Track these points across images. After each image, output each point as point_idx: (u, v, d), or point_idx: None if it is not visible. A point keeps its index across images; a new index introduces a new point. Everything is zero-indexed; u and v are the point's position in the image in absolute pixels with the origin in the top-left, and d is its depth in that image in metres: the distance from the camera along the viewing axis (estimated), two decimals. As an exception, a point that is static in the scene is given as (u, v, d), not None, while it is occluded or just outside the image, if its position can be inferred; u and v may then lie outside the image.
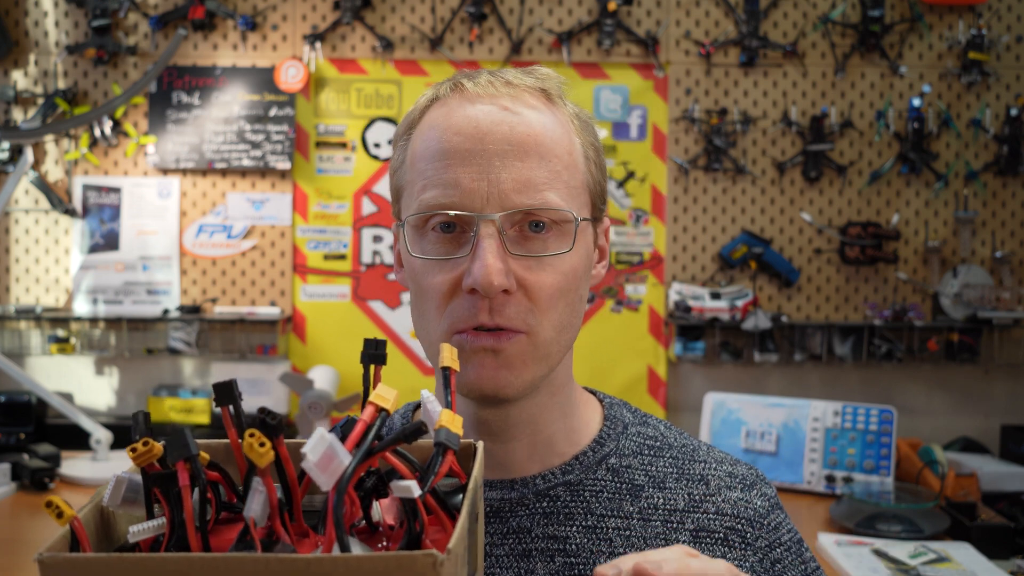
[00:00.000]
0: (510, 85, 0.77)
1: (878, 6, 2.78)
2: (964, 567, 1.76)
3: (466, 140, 0.74)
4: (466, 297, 0.73)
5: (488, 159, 0.73)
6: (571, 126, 0.79)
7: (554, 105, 0.78)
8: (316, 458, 0.44)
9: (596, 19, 2.82)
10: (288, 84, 2.81)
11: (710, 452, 0.87)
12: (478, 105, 0.75)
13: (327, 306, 2.88)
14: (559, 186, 0.74)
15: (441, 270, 0.74)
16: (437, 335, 0.76)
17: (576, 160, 0.78)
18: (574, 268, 0.76)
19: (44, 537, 1.94)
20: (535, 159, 0.74)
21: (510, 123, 0.74)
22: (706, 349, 2.80)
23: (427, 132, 0.77)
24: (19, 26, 2.85)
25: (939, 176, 2.85)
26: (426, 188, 0.75)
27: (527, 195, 0.73)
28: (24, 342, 2.82)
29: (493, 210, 0.72)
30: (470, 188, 0.72)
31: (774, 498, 0.85)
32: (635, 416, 0.88)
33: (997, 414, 2.87)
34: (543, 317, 0.74)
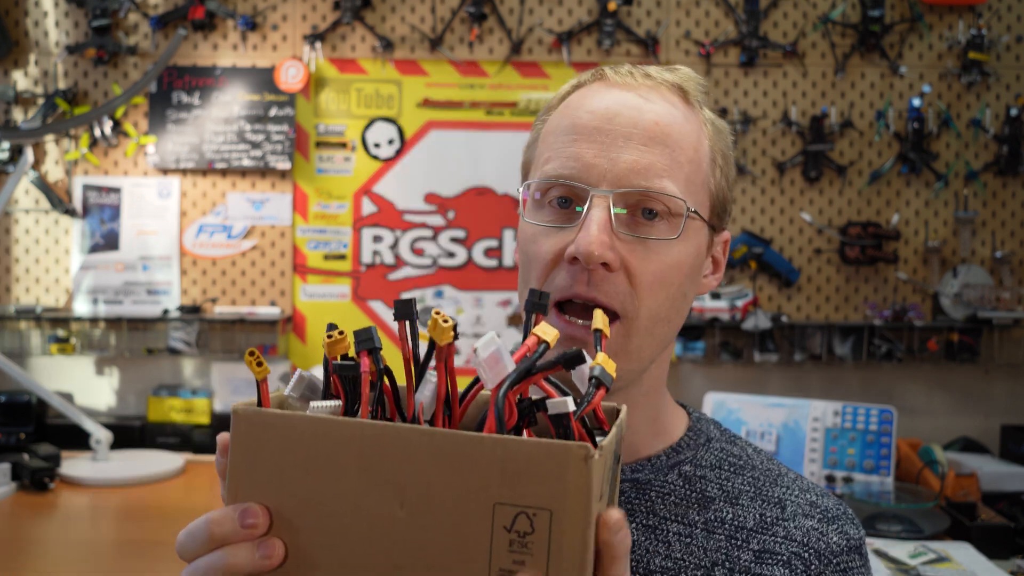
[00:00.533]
0: (649, 77, 0.78)
1: (878, 6, 2.78)
2: (964, 567, 1.76)
3: (595, 119, 0.75)
4: (567, 267, 0.74)
5: (613, 139, 0.74)
6: (703, 128, 0.79)
7: (689, 105, 0.79)
8: (485, 355, 0.48)
9: (596, 19, 2.82)
10: (288, 84, 2.81)
11: (797, 481, 0.84)
12: (615, 91, 0.77)
13: (327, 306, 2.88)
14: (678, 177, 0.75)
15: (549, 237, 0.75)
16: None
17: (701, 158, 0.78)
18: (679, 261, 0.75)
19: (44, 537, 1.94)
20: (659, 147, 0.74)
21: (641, 109, 0.75)
22: (706, 349, 2.80)
23: (563, 112, 0.79)
24: (19, 26, 2.85)
25: (939, 176, 2.85)
26: (550, 160, 0.77)
27: (644, 178, 0.73)
28: (24, 342, 2.82)
29: (608, 186, 0.73)
30: (590, 163, 0.74)
31: (856, 540, 0.81)
32: (723, 434, 0.87)
33: (997, 414, 2.87)
34: (641, 303, 0.74)
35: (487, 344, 0.48)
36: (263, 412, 0.52)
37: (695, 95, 0.80)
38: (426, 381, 0.52)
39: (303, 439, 0.51)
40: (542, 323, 0.55)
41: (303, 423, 0.51)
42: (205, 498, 2.27)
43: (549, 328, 0.54)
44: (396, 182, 2.88)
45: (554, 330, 0.54)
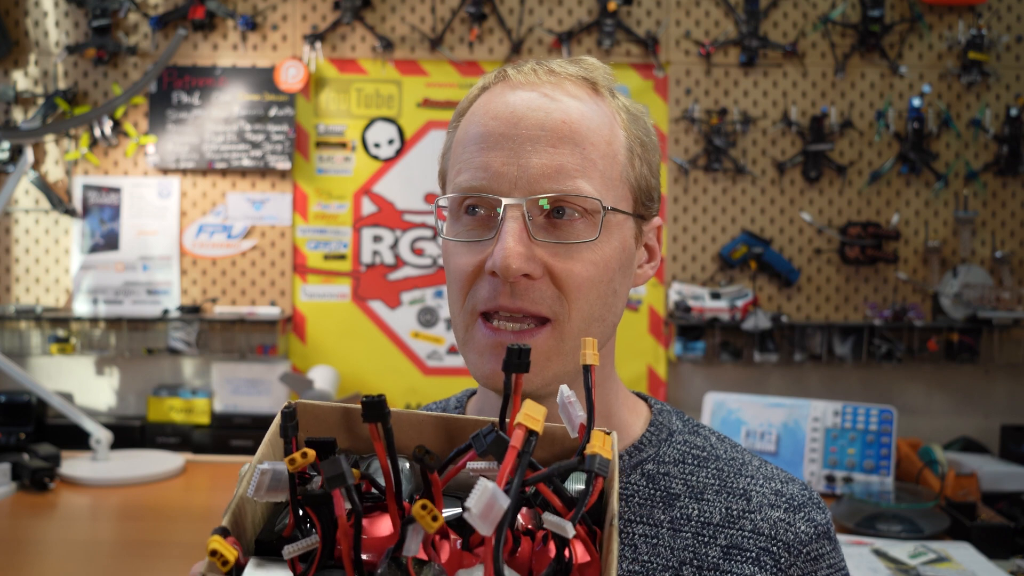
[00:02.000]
0: (552, 73, 0.76)
1: (878, 6, 2.78)
2: (964, 567, 1.76)
3: (501, 125, 0.74)
4: (489, 279, 0.73)
5: (520, 144, 0.73)
6: (616, 118, 0.77)
7: (599, 96, 0.77)
8: (479, 511, 0.45)
9: (596, 19, 2.82)
10: (288, 84, 2.81)
11: (761, 468, 0.83)
12: (519, 92, 0.75)
13: (327, 306, 2.88)
14: (592, 175, 0.73)
15: (468, 252, 0.74)
16: (462, 317, 0.76)
17: (616, 151, 0.76)
18: (606, 260, 0.74)
19: (44, 537, 1.94)
20: (568, 146, 0.73)
21: (547, 109, 0.74)
22: (706, 349, 2.80)
23: (470, 119, 0.78)
24: (19, 26, 2.85)
25: (939, 176, 2.85)
26: (460, 172, 0.75)
27: (556, 181, 0.72)
28: (24, 342, 2.82)
29: (520, 194, 0.72)
30: (499, 171, 0.72)
31: (824, 526, 0.80)
32: (686, 425, 0.86)
33: (997, 414, 2.87)
34: (571, 306, 0.73)
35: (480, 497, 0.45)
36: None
37: (604, 84, 0.78)
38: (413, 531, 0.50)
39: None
40: (526, 405, 0.52)
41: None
42: (205, 498, 2.27)
43: (534, 408, 0.51)
44: (396, 182, 2.88)
45: (541, 408, 0.52)
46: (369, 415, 0.52)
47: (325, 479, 0.49)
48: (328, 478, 0.49)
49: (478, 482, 0.46)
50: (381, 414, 0.52)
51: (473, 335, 0.75)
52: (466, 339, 0.76)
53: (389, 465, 0.52)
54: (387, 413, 0.52)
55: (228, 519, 0.53)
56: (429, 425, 0.60)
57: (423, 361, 2.89)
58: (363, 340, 2.87)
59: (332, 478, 0.49)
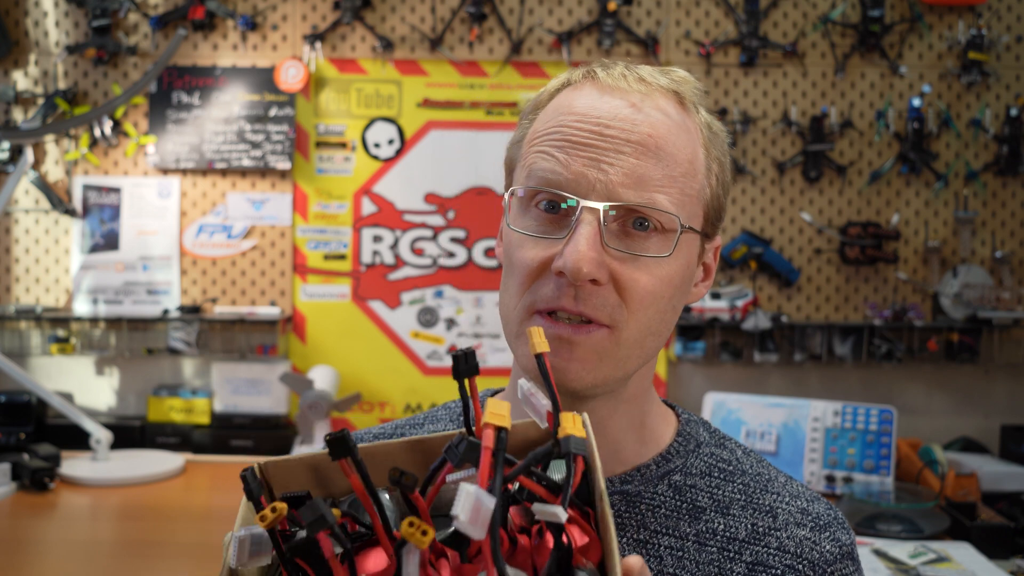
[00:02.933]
0: (643, 82, 0.75)
1: (878, 6, 2.78)
2: (964, 567, 1.76)
3: (587, 125, 0.73)
4: (553, 279, 0.71)
5: (604, 149, 0.72)
6: (699, 135, 0.76)
7: (685, 111, 0.76)
8: (467, 516, 0.45)
9: (596, 19, 2.82)
10: (288, 84, 2.81)
11: (787, 485, 0.82)
12: (606, 97, 0.74)
13: (327, 306, 2.88)
14: (672, 190, 0.72)
15: (535, 246, 0.73)
16: (518, 311, 0.74)
17: (696, 169, 0.75)
18: (671, 276, 0.73)
19: (44, 537, 1.94)
20: (652, 159, 0.72)
21: (634, 120, 0.72)
22: (706, 349, 2.80)
23: (551, 113, 0.76)
24: (19, 26, 2.85)
25: (939, 176, 2.85)
26: (539, 164, 0.74)
27: (636, 192, 0.71)
28: (24, 342, 2.82)
29: (599, 199, 0.71)
30: (580, 172, 0.71)
31: (848, 546, 0.80)
32: (713, 436, 0.85)
33: (997, 414, 2.87)
34: (631, 317, 0.72)
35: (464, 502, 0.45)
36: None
37: (691, 99, 0.77)
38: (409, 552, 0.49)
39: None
40: (489, 404, 0.51)
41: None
42: (205, 498, 2.27)
43: (498, 405, 0.51)
44: (396, 182, 2.88)
45: (505, 404, 0.51)
46: (336, 452, 0.51)
47: (307, 525, 0.49)
48: (309, 523, 0.48)
49: (459, 488, 0.46)
50: (347, 448, 0.51)
51: (528, 327, 0.72)
52: (520, 332, 0.75)
53: (369, 496, 0.52)
54: (353, 447, 0.51)
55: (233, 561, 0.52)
56: (400, 451, 0.60)
57: (423, 361, 2.89)
58: (363, 340, 2.87)
59: (313, 522, 0.48)
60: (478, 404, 0.55)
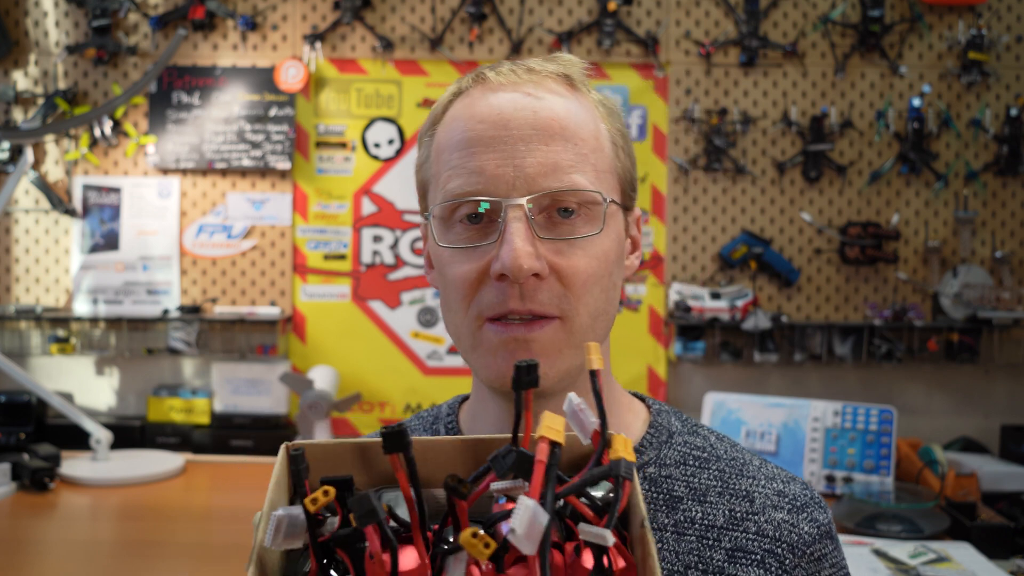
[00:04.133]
0: (532, 72, 0.76)
1: (878, 6, 2.78)
2: (964, 567, 1.76)
3: (490, 127, 0.73)
4: (495, 284, 0.71)
5: (513, 144, 0.72)
6: (596, 112, 0.77)
7: (578, 91, 0.77)
8: (524, 530, 0.45)
9: (596, 19, 2.82)
10: (288, 84, 2.81)
11: (762, 468, 0.83)
12: (500, 93, 0.75)
13: (327, 306, 2.88)
14: (586, 168, 0.73)
15: (468, 259, 0.73)
16: (467, 324, 0.74)
17: (603, 144, 0.76)
18: (606, 252, 0.74)
19: (44, 537, 1.94)
20: (560, 142, 0.73)
21: (533, 108, 0.73)
22: (706, 349, 2.80)
23: (451, 124, 0.77)
24: (19, 26, 2.85)
25: (939, 176, 2.85)
26: (452, 178, 0.74)
27: (554, 178, 0.71)
28: (24, 342, 2.82)
29: (520, 195, 0.71)
30: (495, 174, 0.71)
31: (826, 525, 0.80)
32: (685, 425, 0.85)
33: (997, 414, 2.87)
34: (578, 302, 0.72)
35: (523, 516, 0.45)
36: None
37: (580, 80, 0.78)
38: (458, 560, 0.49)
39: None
40: (545, 416, 0.51)
41: None
42: (205, 498, 2.27)
43: (554, 419, 0.51)
44: (396, 182, 2.88)
45: (560, 419, 0.51)
46: (390, 446, 0.50)
47: (357, 517, 0.48)
48: (360, 516, 0.48)
49: (519, 501, 0.45)
50: (403, 444, 0.50)
51: (482, 338, 0.74)
52: (475, 344, 0.74)
53: (413, 496, 0.51)
54: (408, 443, 0.51)
55: (253, 570, 0.52)
56: (453, 450, 0.59)
57: (423, 361, 2.89)
58: (363, 340, 2.87)
59: (364, 515, 0.48)
60: (531, 417, 0.54)
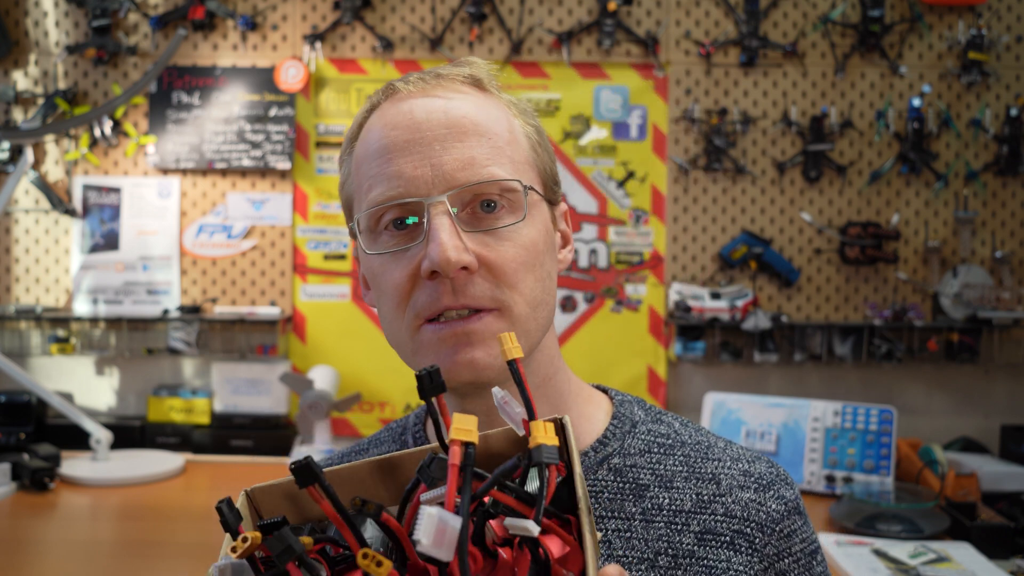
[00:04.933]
0: (440, 77, 0.77)
1: (878, 6, 2.78)
2: (964, 567, 1.76)
3: (403, 132, 0.74)
4: (427, 284, 0.72)
5: (428, 145, 0.73)
6: (508, 110, 0.79)
7: (487, 92, 0.79)
8: (430, 540, 0.45)
9: (596, 19, 2.82)
10: (288, 84, 2.81)
11: (727, 449, 0.83)
12: (411, 100, 0.76)
13: (327, 306, 2.88)
14: (502, 160, 0.74)
15: (398, 263, 0.74)
16: (405, 329, 0.75)
17: (518, 138, 0.77)
18: (533, 241, 0.75)
19: (44, 537, 1.94)
20: (474, 138, 0.74)
21: (444, 108, 0.74)
22: (706, 349, 2.80)
23: (366, 138, 0.78)
24: (19, 26, 2.85)
25: (939, 176, 2.85)
26: (372, 187, 0.75)
27: (471, 172, 0.72)
28: (24, 342, 2.82)
29: (440, 191, 0.72)
30: (414, 176, 0.72)
31: (793, 501, 0.81)
32: (648, 413, 0.86)
33: (997, 414, 2.87)
34: (512, 291, 0.73)
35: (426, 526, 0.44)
36: None
37: (489, 82, 0.80)
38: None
39: None
40: (455, 419, 0.51)
41: None
42: (205, 498, 2.27)
43: (464, 420, 0.51)
44: (396, 182, 2.87)
45: (472, 419, 0.51)
46: (302, 480, 0.50)
47: (275, 557, 0.48)
48: (277, 555, 0.48)
49: (419, 512, 0.45)
50: (312, 474, 0.50)
51: (420, 339, 0.74)
52: (415, 347, 0.75)
53: (343, 520, 0.51)
54: (318, 472, 0.50)
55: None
56: (368, 472, 0.59)
57: (423, 361, 2.88)
58: (363, 340, 2.87)
59: (281, 553, 0.48)
60: (448, 420, 0.54)
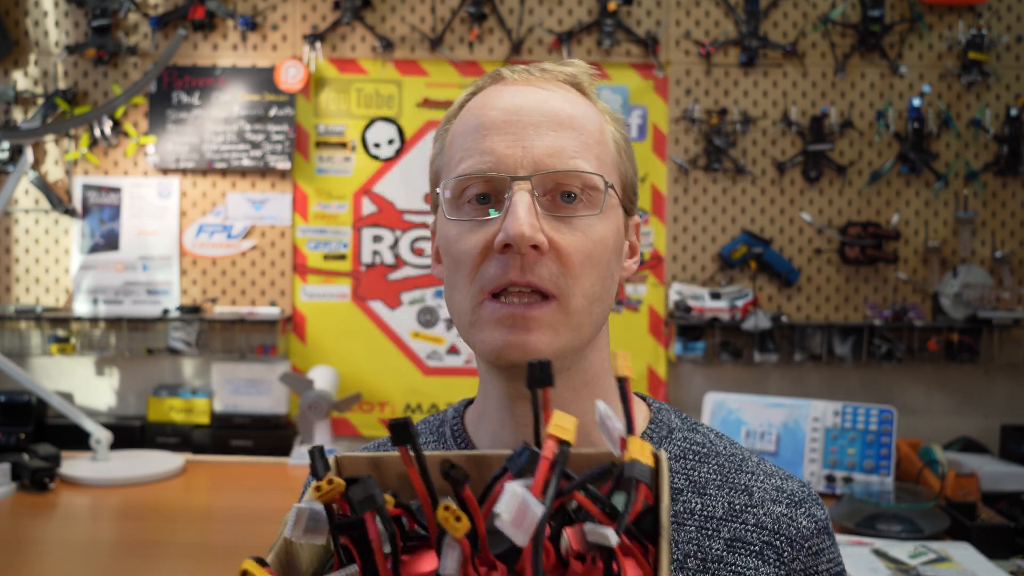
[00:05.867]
0: (545, 71, 0.81)
1: (878, 6, 2.78)
2: (964, 567, 1.76)
3: (502, 113, 0.77)
4: (498, 257, 0.74)
5: (523, 128, 0.76)
6: (601, 114, 0.82)
7: (586, 96, 0.82)
8: (510, 517, 0.44)
9: (596, 19, 2.82)
10: (288, 84, 2.81)
11: (761, 464, 0.84)
12: (515, 87, 0.80)
13: (327, 306, 2.88)
14: (590, 157, 0.77)
15: (474, 233, 0.75)
16: (468, 300, 0.76)
17: (606, 140, 0.80)
18: (604, 237, 0.77)
19: (44, 537, 1.94)
20: (567, 130, 0.76)
21: (543, 99, 0.78)
22: (706, 349, 2.80)
23: (465, 116, 0.80)
24: (19, 26, 2.85)
25: (939, 176, 2.85)
26: (463, 160, 0.77)
27: (559, 160, 0.75)
28: (24, 342, 2.82)
29: (526, 172, 0.74)
30: (504, 154, 0.75)
31: (823, 521, 0.82)
32: (684, 422, 0.87)
33: (997, 414, 2.87)
34: (574, 283, 0.74)
35: (509, 502, 0.44)
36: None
37: (590, 87, 0.83)
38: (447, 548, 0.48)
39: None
40: (555, 415, 0.51)
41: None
42: (205, 498, 2.27)
43: (565, 419, 0.51)
44: (396, 182, 2.88)
45: (571, 419, 0.51)
46: (398, 437, 0.50)
47: (355, 503, 0.48)
48: (358, 501, 0.48)
49: (505, 488, 0.45)
50: (408, 435, 0.50)
51: (481, 313, 0.75)
52: (474, 320, 0.76)
53: (424, 486, 0.50)
54: (414, 433, 0.50)
55: (272, 557, 0.52)
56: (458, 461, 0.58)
57: (423, 361, 2.89)
58: (363, 340, 2.87)
59: (362, 501, 0.48)
60: (549, 415, 0.53)
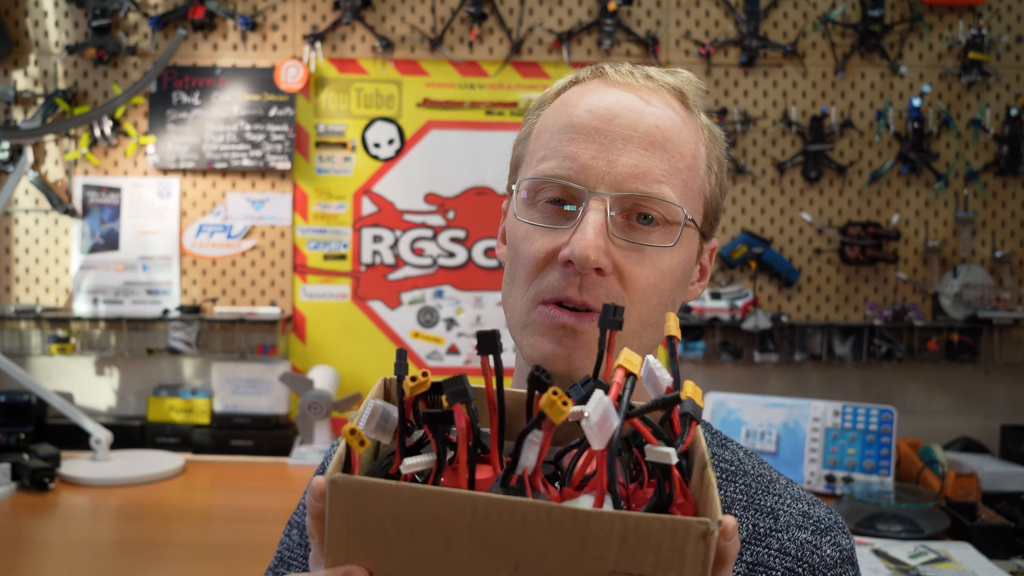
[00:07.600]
0: (650, 79, 0.77)
1: (878, 6, 2.78)
2: (964, 567, 1.76)
3: (594, 118, 0.74)
4: (559, 268, 0.72)
5: (612, 140, 0.73)
6: (701, 134, 0.78)
7: (688, 110, 0.78)
8: (596, 418, 0.47)
9: (596, 19, 2.82)
10: (288, 84, 2.81)
11: (789, 488, 0.82)
12: (614, 90, 0.76)
13: (327, 306, 2.88)
14: (676, 183, 0.74)
15: (542, 236, 0.74)
16: (524, 302, 0.75)
17: (699, 165, 0.77)
18: (672, 268, 0.74)
19: (44, 537, 1.94)
20: (659, 151, 0.73)
21: (641, 112, 0.74)
22: (706, 349, 2.80)
23: (559, 108, 0.77)
24: (19, 26, 2.85)
25: (939, 176, 2.85)
26: (545, 159, 0.75)
27: (642, 182, 0.72)
28: (24, 342, 2.82)
29: (606, 189, 0.72)
30: (587, 164, 0.72)
31: (848, 550, 0.80)
32: (714, 438, 0.85)
33: (997, 414, 2.87)
34: (632, 307, 0.73)
35: (596, 406, 0.47)
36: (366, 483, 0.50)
37: (694, 100, 0.79)
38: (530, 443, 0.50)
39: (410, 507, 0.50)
40: (625, 351, 0.53)
41: (410, 494, 0.49)
42: (205, 498, 2.27)
43: (632, 356, 0.53)
44: (396, 182, 2.88)
45: (638, 356, 0.53)
46: (483, 347, 0.53)
47: (448, 394, 0.50)
48: (451, 392, 0.50)
49: (594, 393, 0.47)
50: (494, 346, 0.53)
51: (534, 317, 0.74)
52: (526, 323, 0.75)
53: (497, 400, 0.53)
54: (500, 347, 0.53)
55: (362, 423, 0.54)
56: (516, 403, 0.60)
57: (423, 361, 2.89)
58: (363, 340, 2.87)
59: (455, 392, 0.50)
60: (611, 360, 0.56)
